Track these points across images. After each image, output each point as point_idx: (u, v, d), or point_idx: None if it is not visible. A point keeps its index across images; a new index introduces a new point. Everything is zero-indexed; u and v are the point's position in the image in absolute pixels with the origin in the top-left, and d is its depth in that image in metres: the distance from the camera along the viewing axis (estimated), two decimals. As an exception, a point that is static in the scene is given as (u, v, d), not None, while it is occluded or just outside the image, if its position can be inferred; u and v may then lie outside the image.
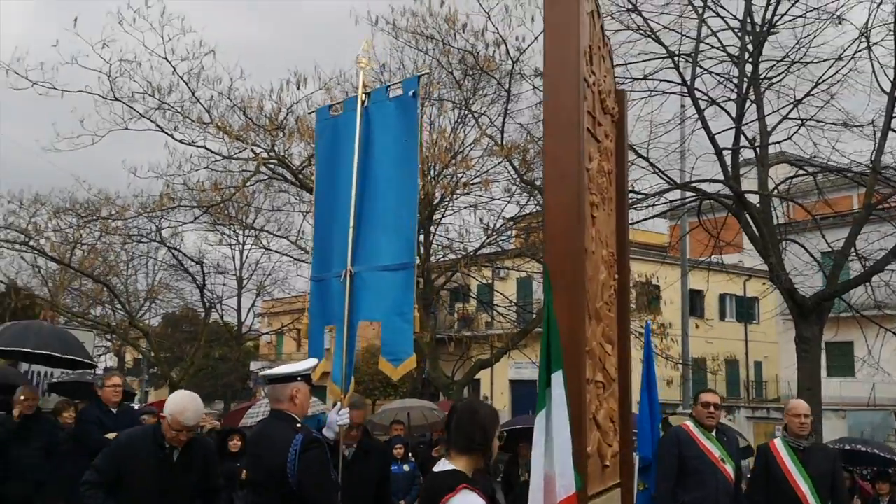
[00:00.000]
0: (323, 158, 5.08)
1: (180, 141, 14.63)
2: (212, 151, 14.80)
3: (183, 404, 4.41)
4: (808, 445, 5.66)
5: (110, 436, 6.95)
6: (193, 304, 28.49)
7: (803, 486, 5.46)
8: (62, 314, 19.69)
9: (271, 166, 15.26)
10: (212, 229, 21.23)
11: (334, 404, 4.47)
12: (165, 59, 13.77)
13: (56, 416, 8.57)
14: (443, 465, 3.12)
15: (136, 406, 12.72)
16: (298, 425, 3.73)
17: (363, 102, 4.73)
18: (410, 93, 4.63)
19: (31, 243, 17.20)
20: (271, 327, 34.44)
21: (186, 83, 13.98)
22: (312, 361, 4.02)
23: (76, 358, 9.98)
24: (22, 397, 7.76)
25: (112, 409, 7.15)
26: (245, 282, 28.46)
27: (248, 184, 15.85)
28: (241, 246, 26.89)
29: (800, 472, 5.51)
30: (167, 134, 14.47)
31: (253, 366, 34.73)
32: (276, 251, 22.60)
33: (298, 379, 3.86)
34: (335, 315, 4.49)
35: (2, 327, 10.56)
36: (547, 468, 4.07)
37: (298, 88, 14.02)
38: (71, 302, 24.10)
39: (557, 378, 4.16)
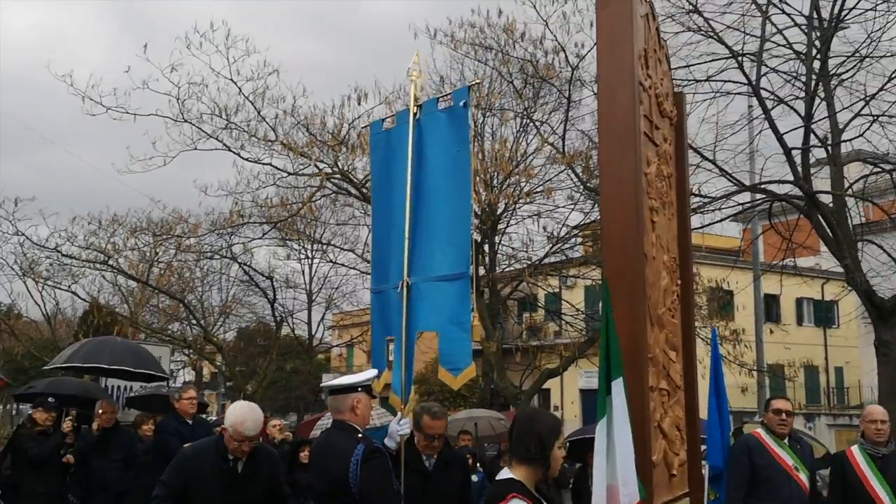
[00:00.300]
0: (378, 172, 5.17)
1: (247, 159, 15.06)
2: (277, 168, 15.18)
3: (242, 415, 4.38)
4: (887, 452, 5.46)
5: (188, 446, 7.20)
6: (265, 319, 29.11)
7: (882, 494, 5.27)
8: (142, 330, 20.41)
9: (335, 181, 15.53)
10: (280, 244, 21.71)
11: (395, 414, 4.53)
12: (231, 80, 14.20)
13: (136, 429, 8.90)
14: (504, 474, 3.13)
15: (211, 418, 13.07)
16: (360, 435, 3.79)
17: (415, 115, 4.79)
18: (461, 103, 4.67)
19: (110, 262, 17.88)
20: (341, 340, 34.93)
21: (252, 103, 14.38)
22: (373, 372, 4.09)
23: (150, 372, 10.32)
24: (100, 411, 8.09)
25: (188, 421, 7.40)
26: (314, 295, 28.94)
27: (314, 199, 16.15)
28: (309, 260, 27.37)
29: (878, 479, 5.32)
30: (234, 153, 14.90)
31: (325, 378, 35.28)
32: (343, 264, 23.00)
33: (359, 389, 3.92)
34: (394, 326, 4.55)
35: (78, 344, 10.99)
36: (609, 478, 4.04)
37: (359, 104, 14.27)
38: (150, 318, 24.97)
39: (618, 385, 4.13)
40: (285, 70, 23.81)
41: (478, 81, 13.89)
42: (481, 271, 16.34)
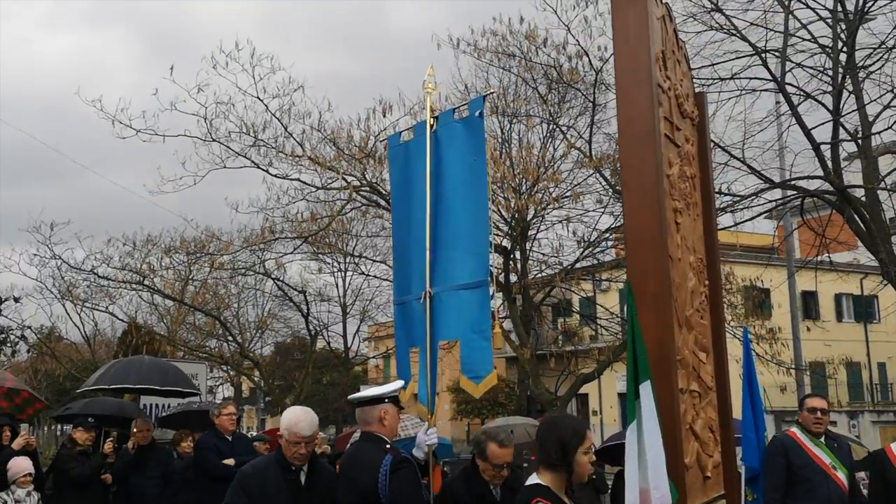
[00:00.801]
0: (397, 184, 5.23)
1: (276, 175, 15.24)
2: (306, 183, 15.34)
3: (296, 416, 4.24)
4: (928, 449, 5.37)
5: (229, 462, 7.29)
6: (301, 333, 29.33)
7: (923, 492, 5.17)
8: (179, 348, 20.71)
9: (364, 193, 15.65)
10: (313, 258, 21.89)
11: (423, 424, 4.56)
12: (258, 97, 14.40)
13: (175, 446, 9.03)
14: (532, 479, 3.13)
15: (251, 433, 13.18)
16: (388, 446, 3.83)
17: (432, 126, 4.85)
18: (477, 113, 4.71)
19: (146, 282, 18.19)
20: (378, 351, 35.06)
21: (279, 119, 14.56)
22: (399, 383, 4.13)
23: (179, 389, 10.42)
24: (136, 429, 8.23)
25: (227, 437, 7.49)
26: (349, 308, 29.09)
27: (343, 212, 16.30)
28: (342, 273, 27.55)
29: (920, 477, 5.23)
30: (263, 169, 15.10)
31: (362, 389, 35.43)
32: (375, 276, 23.11)
33: (386, 401, 3.96)
34: (418, 337, 4.59)
35: (106, 367, 11.14)
36: (642, 482, 4.04)
37: (384, 116, 14.37)
38: (187, 336, 25.31)
39: (646, 388, 4.13)
40: (310, 85, 24.03)
41: (493, 91, 13.94)
42: (513, 278, 16.34)
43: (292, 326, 29.82)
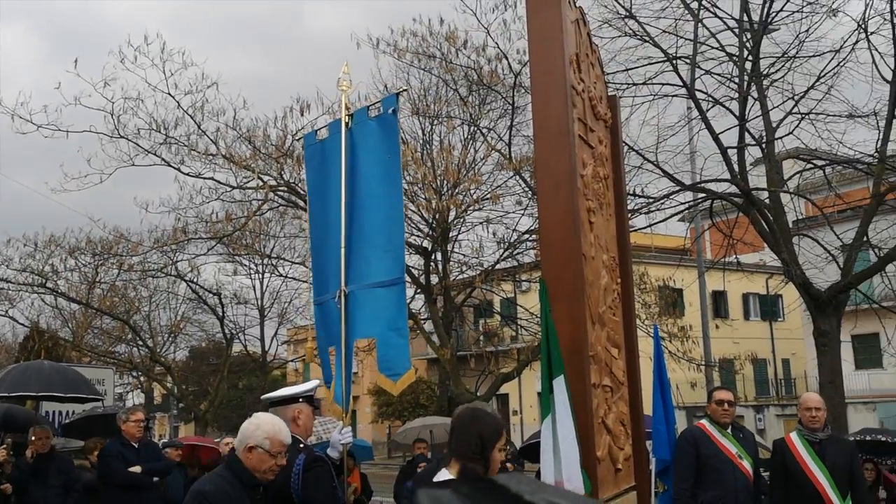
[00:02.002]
0: (313, 183, 5.18)
1: (188, 174, 14.81)
2: (220, 183, 14.97)
3: (275, 422, 3.66)
4: (824, 438, 5.63)
5: (135, 469, 7.06)
6: (216, 337, 28.67)
7: (821, 478, 5.42)
8: (86, 353, 19.92)
9: (281, 193, 15.41)
10: (229, 260, 21.42)
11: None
12: (168, 94, 13.98)
13: (87, 455, 8.69)
14: (442, 475, 3.07)
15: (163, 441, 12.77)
16: (301, 445, 3.78)
17: (347, 124, 4.82)
18: (390, 110, 4.72)
19: (48, 285, 17.41)
20: (297, 354, 34.57)
21: (191, 116, 14.17)
22: (313, 382, 4.08)
23: (83, 395, 10.02)
24: (34, 437, 7.88)
25: (134, 444, 7.27)
26: (266, 311, 28.59)
27: (260, 212, 15.99)
28: (259, 275, 27.06)
29: (817, 464, 5.48)
30: (174, 168, 14.64)
31: (280, 394, 34.89)
32: (295, 278, 22.74)
33: (300, 400, 3.91)
34: (335, 336, 4.56)
35: (3, 372, 10.61)
36: (556, 475, 4.10)
37: (302, 114, 14.17)
38: (94, 341, 24.37)
39: (559, 383, 4.20)
40: (224, 83, 23.46)
41: (405, 88, 13.95)
42: (434, 279, 16.37)
43: (207, 330, 29.14)
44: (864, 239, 11.82)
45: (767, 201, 12.42)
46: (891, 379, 24.83)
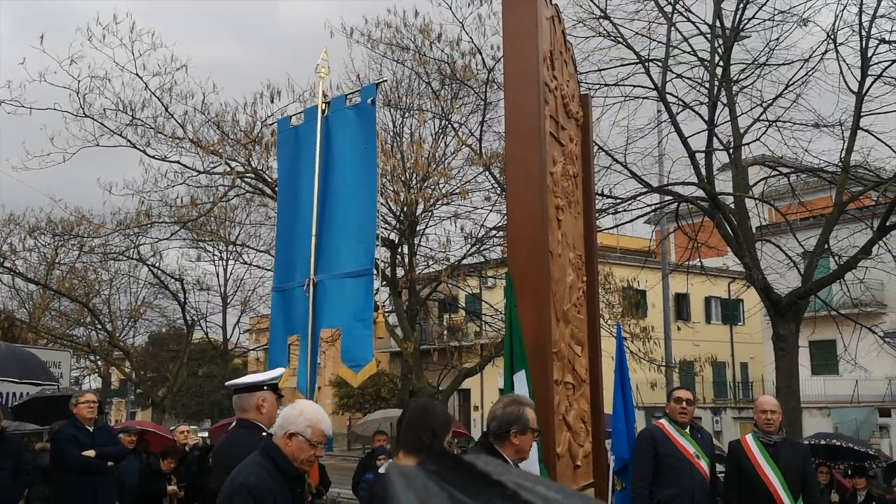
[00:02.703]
0: (285, 169, 5.11)
1: (154, 157, 14.59)
2: (186, 167, 14.76)
3: (318, 410, 3.51)
4: (779, 441, 5.71)
5: (89, 453, 6.93)
6: (177, 323, 28.34)
7: (774, 480, 5.51)
8: (42, 336, 19.54)
9: (249, 180, 15.24)
10: (192, 246, 21.16)
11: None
12: (136, 74, 13.75)
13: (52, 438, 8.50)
14: (387, 467, 3.04)
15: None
16: (264, 433, 3.73)
17: (323, 111, 4.76)
18: (369, 100, 4.68)
19: (6, 264, 17.04)
20: (258, 343, 34.30)
21: (159, 98, 13.96)
22: (279, 370, 4.03)
23: (37, 382, 9.82)
24: None
25: (88, 427, 7.12)
26: (229, 298, 28.32)
27: (226, 199, 15.81)
28: (223, 262, 26.79)
29: (770, 466, 5.56)
30: (140, 150, 14.42)
31: (241, 381, 34.58)
32: (259, 266, 22.54)
33: (265, 388, 3.86)
34: (298, 324, 4.51)
35: None
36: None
37: (273, 101, 14.01)
38: (52, 323, 23.95)
39: (520, 378, 4.21)
40: (194, 66, 23.15)
41: (385, 80, 13.88)
42: (400, 272, 16.32)
43: (168, 316, 28.81)
44: (826, 247, 12.05)
45: (733, 206, 12.58)
46: (845, 385, 25.38)
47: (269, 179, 14.82)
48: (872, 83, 11.47)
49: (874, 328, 13.53)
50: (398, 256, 16.46)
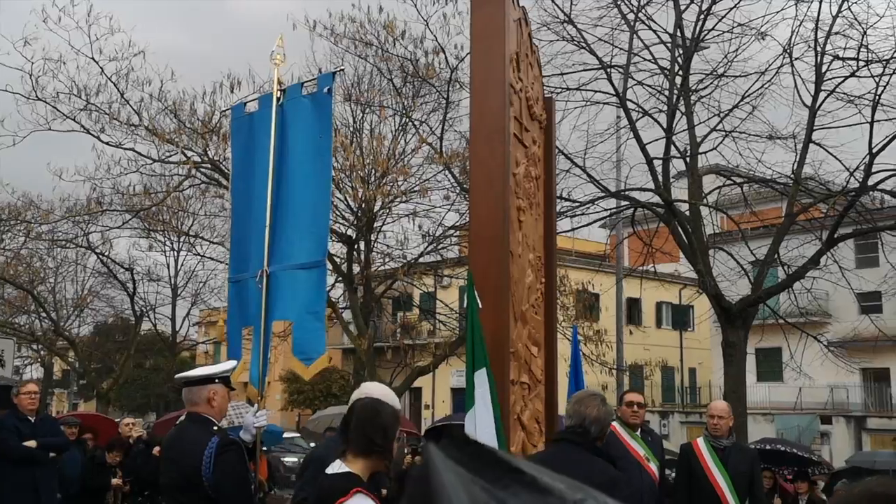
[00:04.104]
0: (238, 157, 5.01)
1: (108, 143, 14.24)
2: (141, 154, 14.45)
3: (395, 398, 3.47)
4: (728, 445, 5.81)
5: (30, 443, 6.76)
6: (125, 313, 27.79)
7: (722, 483, 5.60)
8: (-17, 322, 18.98)
9: (205, 170, 14.98)
10: (144, 235, 20.75)
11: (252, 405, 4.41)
12: (92, 58, 13.42)
13: None
14: (337, 467, 2.94)
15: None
16: (215, 428, 3.66)
17: (278, 99, 4.68)
18: (325, 89, 4.61)
19: (-53, 248, 16.52)
20: (208, 336, 33.82)
21: (115, 84, 13.64)
22: (231, 363, 3.95)
23: None
24: None
25: (30, 418, 6.98)
26: (180, 290, 27.84)
27: (181, 188, 15.52)
28: (175, 253, 26.33)
29: (720, 470, 5.66)
30: (94, 136, 14.06)
31: (189, 374, 34.04)
32: (212, 258, 22.18)
33: (216, 381, 3.79)
34: (252, 316, 4.43)
35: None
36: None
37: (232, 91, 13.79)
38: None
39: (480, 377, 4.20)
40: (153, 53, 22.67)
41: (341, 69, 13.75)
42: (355, 269, 16.22)
43: (116, 306, 28.24)
44: (776, 256, 12.31)
45: (688, 213, 12.78)
46: (789, 392, 26.03)
47: (226, 170, 14.59)
48: (825, 98, 11.77)
49: (819, 337, 13.88)
50: (354, 252, 16.36)
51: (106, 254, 20.86)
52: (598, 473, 3.35)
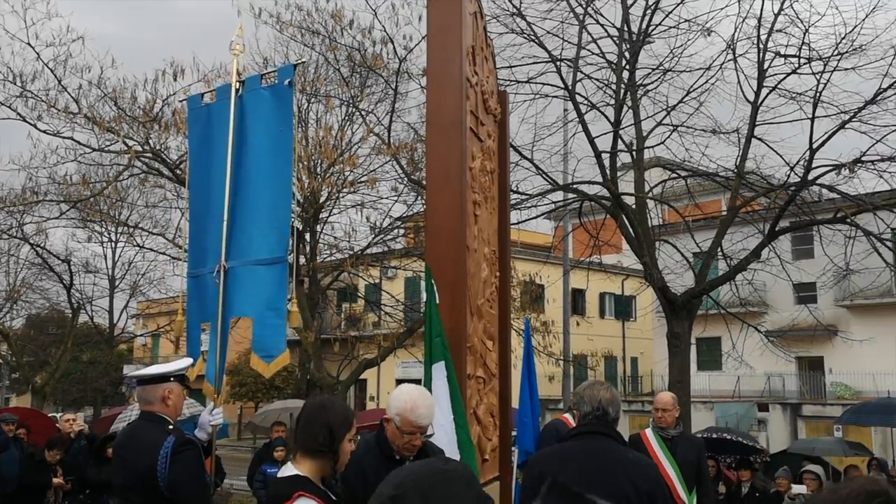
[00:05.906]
0: (196, 149, 4.87)
1: (44, 131, 13.76)
2: (80, 143, 14.00)
3: (413, 399, 3.50)
4: (676, 435, 5.93)
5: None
6: (60, 305, 26.98)
7: (671, 472, 5.70)
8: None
9: (146, 160, 14.59)
10: (81, 226, 20.14)
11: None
12: (28, 44, 12.93)
13: None
14: (286, 470, 2.87)
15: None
16: (170, 427, 3.57)
17: (237, 91, 4.57)
18: (286, 82, 4.51)
19: None
20: (146, 329, 33.08)
21: (52, 70, 13.18)
22: (187, 361, 3.86)
23: None
24: None
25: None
26: (118, 282, 27.18)
27: (121, 178, 15.09)
28: (113, 244, 25.65)
29: (668, 459, 5.76)
30: (30, 123, 13.57)
31: (126, 369, 33.23)
32: (151, 249, 21.63)
33: (171, 379, 3.69)
34: (210, 312, 4.32)
35: None
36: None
37: (175, 80, 13.44)
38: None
39: (438, 370, 4.19)
40: (92, 39, 21.96)
41: (303, 61, 13.54)
42: (301, 260, 16.04)
43: (50, 298, 27.36)
44: (719, 249, 12.60)
45: (634, 206, 12.98)
46: (728, 381, 26.76)
47: (168, 160, 14.23)
48: (768, 94, 12.07)
49: (758, 327, 14.28)
50: (301, 244, 16.17)
51: (41, 245, 20.20)
52: (641, 478, 3.27)
